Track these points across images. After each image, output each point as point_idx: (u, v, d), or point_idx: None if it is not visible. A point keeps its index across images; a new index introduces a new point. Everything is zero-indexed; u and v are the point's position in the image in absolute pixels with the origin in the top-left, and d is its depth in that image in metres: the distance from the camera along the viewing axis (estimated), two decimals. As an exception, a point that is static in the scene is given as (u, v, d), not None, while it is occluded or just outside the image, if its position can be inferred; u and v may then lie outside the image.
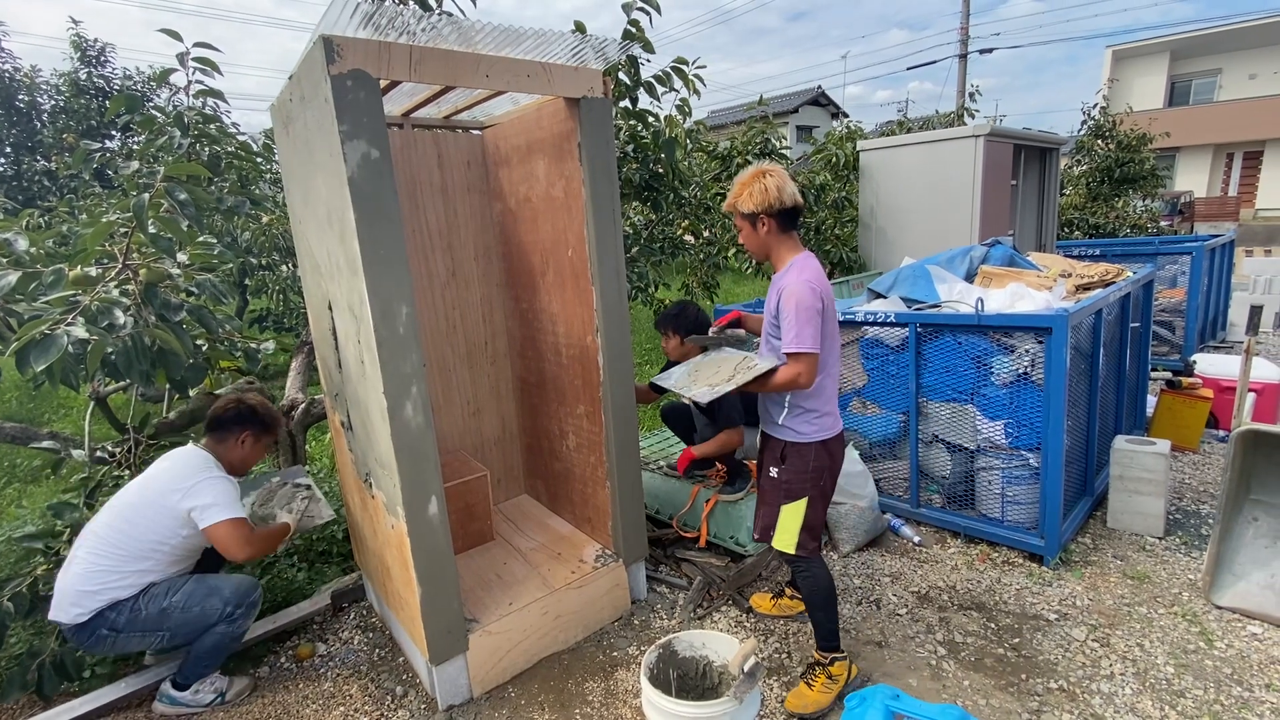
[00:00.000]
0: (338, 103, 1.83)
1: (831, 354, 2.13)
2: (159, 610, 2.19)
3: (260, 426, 2.47)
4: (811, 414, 2.13)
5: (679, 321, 2.99)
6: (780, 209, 2.04)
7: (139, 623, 2.18)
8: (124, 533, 2.18)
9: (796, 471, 2.14)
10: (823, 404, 2.13)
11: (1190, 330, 5.50)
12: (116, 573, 2.17)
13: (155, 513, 2.20)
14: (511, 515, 3.29)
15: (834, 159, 6.22)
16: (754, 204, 2.04)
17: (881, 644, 2.49)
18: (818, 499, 2.16)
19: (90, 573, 2.15)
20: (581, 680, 2.40)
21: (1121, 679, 2.23)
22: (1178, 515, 3.28)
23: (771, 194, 2.01)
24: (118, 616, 2.16)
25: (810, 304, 1.96)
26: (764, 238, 2.10)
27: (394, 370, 2.00)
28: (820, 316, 1.98)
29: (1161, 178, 11.57)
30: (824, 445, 2.14)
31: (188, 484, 2.22)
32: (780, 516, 2.17)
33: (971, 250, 3.66)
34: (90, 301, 1.90)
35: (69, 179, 8.44)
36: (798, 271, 2.04)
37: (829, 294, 2.07)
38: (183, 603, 2.22)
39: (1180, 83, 21.10)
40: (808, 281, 1.99)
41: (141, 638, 2.21)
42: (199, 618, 2.24)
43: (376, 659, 2.60)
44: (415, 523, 2.10)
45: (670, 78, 3.90)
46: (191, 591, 2.25)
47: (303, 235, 2.54)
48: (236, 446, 2.42)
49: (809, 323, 1.95)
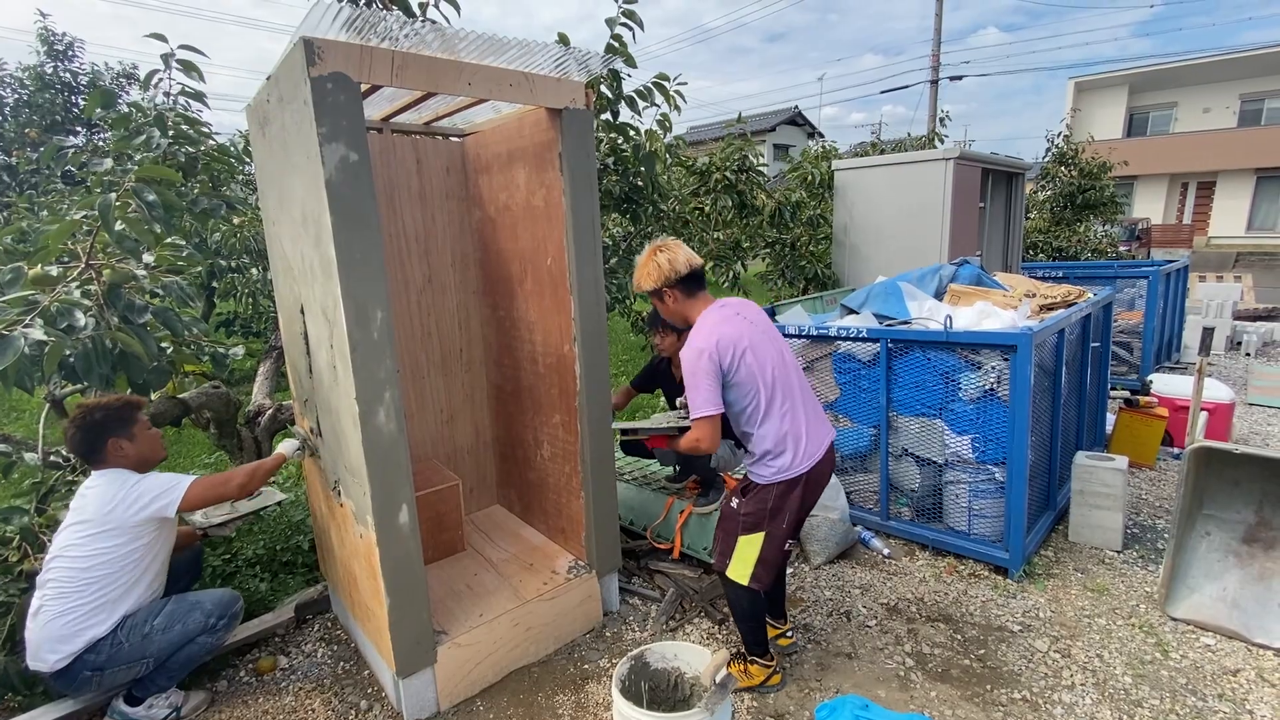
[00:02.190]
0: (317, 105, 1.81)
1: (775, 393, 2.08)
2: (141, 638, 2.12)
3: (117, 423, 2.16)
4: (765, 458, 2.12)
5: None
6: (678, 278, 2.13)
7: (121, 656, 2.10)
8: (86, 569, 2.07)
9: (756, 506, 2.15)
10: (776, 445, 2.08)
11: (1147, 351, 5.71)
12: (89, 608, 2.08)
13: (108, 539, 2.09)
14: (483, 525, 3.25)
15: (809, 177, 6.35)
16: (653, 281, 2.15)
17: (851, 655, 2.51)
18: (777, 535, 2.15)
19: (62, 615, 2.05)
20: (552, 693, 2.37)
21: (1082, 689, 2.28)
22: (1135, 529, 3.39)
23: (665, 268, 2.12)
24: (97, 656, 2.08)
25: (694, 367, 2.02)
26: (674, 306, 2.20)
27: (367, 376, 1.98)
28: (713, 374, 2.01)
29: (1120, 204, 12.05)
30: (788, 485, 2.10)
31: (126, 498, 2.08)
32: (737, 546, 2.18)
33: (941, 269, 3.76)
34: (50, 302, 1.84)
35: (30, 174, 8.16)
36: (692, 335, 2.11)
37: (722, 339, 2.03)
38: (164, 624, 2.15)
39: (1138, 114, 22.03)
40: (695, 347, 2.05)
41: (127, 670, 2.13)
42: (182, 635, 2.16)
43: (341, 672, 2.54)
44: (385, 532, 2.06)
45: (652, 93, 3.95)
46: (172, 611, 2.18)
47: (276, 238, 2.50)
48: (119, 455, 2.16)
49: (697, 387, 2.03)
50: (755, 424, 2.10)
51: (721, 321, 2.09)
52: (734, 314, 2.13)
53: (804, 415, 2.14)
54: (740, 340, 2.05)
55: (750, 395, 2.07)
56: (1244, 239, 19.25)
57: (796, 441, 2.09)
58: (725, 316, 2.11)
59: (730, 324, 2.08)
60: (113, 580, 2.12)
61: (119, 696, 2.24)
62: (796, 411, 2.12)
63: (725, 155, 5.20)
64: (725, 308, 2.16)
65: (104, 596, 2.11)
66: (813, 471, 2.12)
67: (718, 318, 2.11)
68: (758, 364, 2.06)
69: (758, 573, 2.14)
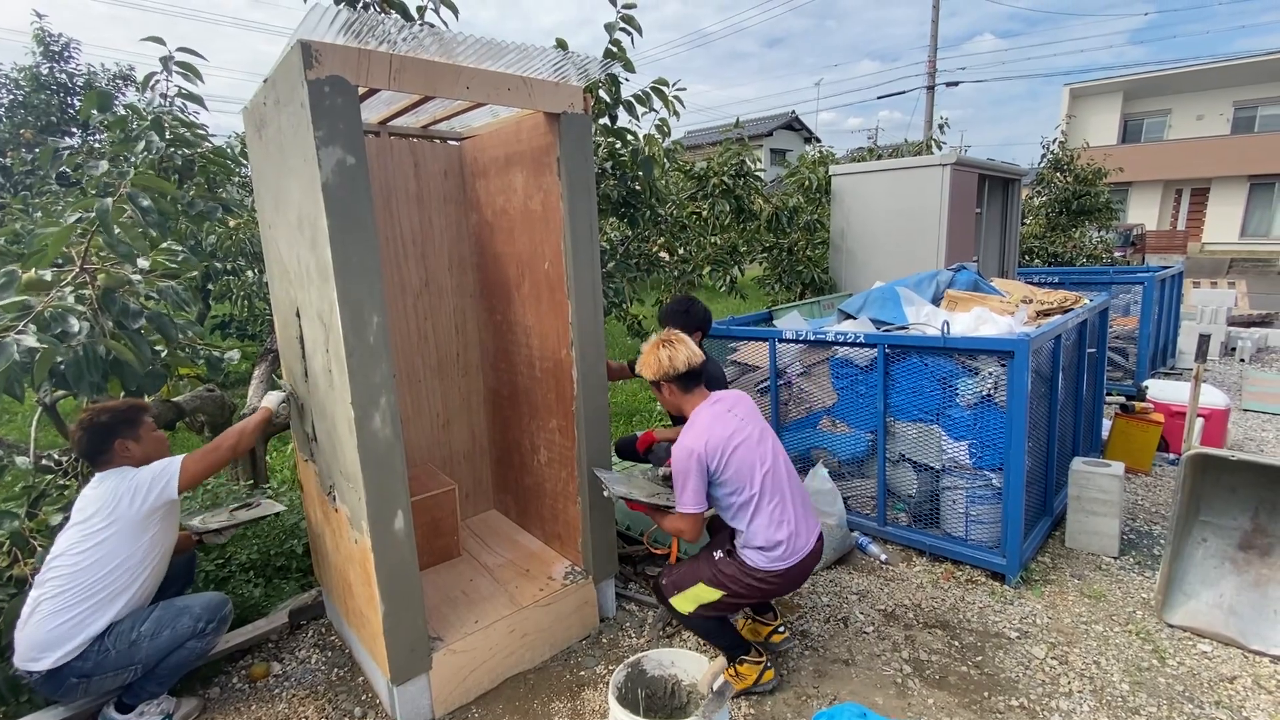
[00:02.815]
0: (314, 108, 1.81)
1: (764, 491, 2.14)
2: (128, 645, 2.09)
3: (124, 425, 2.18)
4: (758, 550, 2.17)
5: (687, 318, 3.01)
6: (675, 375, 2.24)
7: (109, 664, 2.08)
8: (89, 565, 2.06)
9: (733, 573, 2.21)
10: (766, 542, 2.14)
11: (1142, 357, 5.73)
12: (88, 607, 2.06)
13: (114, 536, 2.09)
14: (479, 531, 3.24)
15: (807, 182, 6.36)
16: (652, 373, 2.27)
17: (849, 662, 2.50)
18: (735, 603, 2.23)
19: (58, 614, 2.04)
20: (547, 700, 2.36)
21: (1079, 696, 2.28)
22: (1132, 535, 3.39)
23: (665, 364, 2.23)
24: (84, 664, 2.06)
25: (684, 466, 2.11)
26: (670, 398, 2.32)
27: (363, 380, 1.97)
28: (699, 475, 2.10)
29: (1115, 210, 12.09)
30: (771, 574, 2.16)
31: (128, 490, 2.09)
32: (694, 587, 2.25)
33: (938, 275, 3.76)
34: (44, 307, 1.83)
35: (24, 175, 8.12)
36: (683, 434, 2.19)
37: (711, 443, 2.11)
38: (152, 630, 2.13)
39: (1133, 121, 22.17)
40: (685, 445, 2.13)
41: (114, 677, 2.11)
42: (170, 640, 2.14)
43: (335, 679, 2.52)
44: (380, 538, 2.05)
45: (650, 98, 3.95)
46: (160, 617, 2.16)
47: (272, 240, 2.49)
48: (126, 456, 2.18)
49: (684, 486, 2.12)
50: (745, 521, 2.18)
51: (713, 421, 2.17)
52: (726, 411, 2.22)
53: (794, 512, 2.20)
54: (731, 440, 2.13)
55: (738, 492, 2.15)
56: (1237, 245, 19.37)
57: (787, 539, 2.16)
58: (717, 414, 2.20)
59: (721, 423, 2.16)
60: (113, 578, 2.10)
61: (109, 704, 2.21)
62: (786, 508, 2.18)
63: (723, 160, 5.21)
64: (718, 404, 2.25)
65: (104, 594, 2.09)
66: (797, 566, 2.19)
67: (709, 416, 2.19)
68: (747, 464, 2.14)
69: (699, 613, 2.25)
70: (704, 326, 3.11)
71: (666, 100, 4.03)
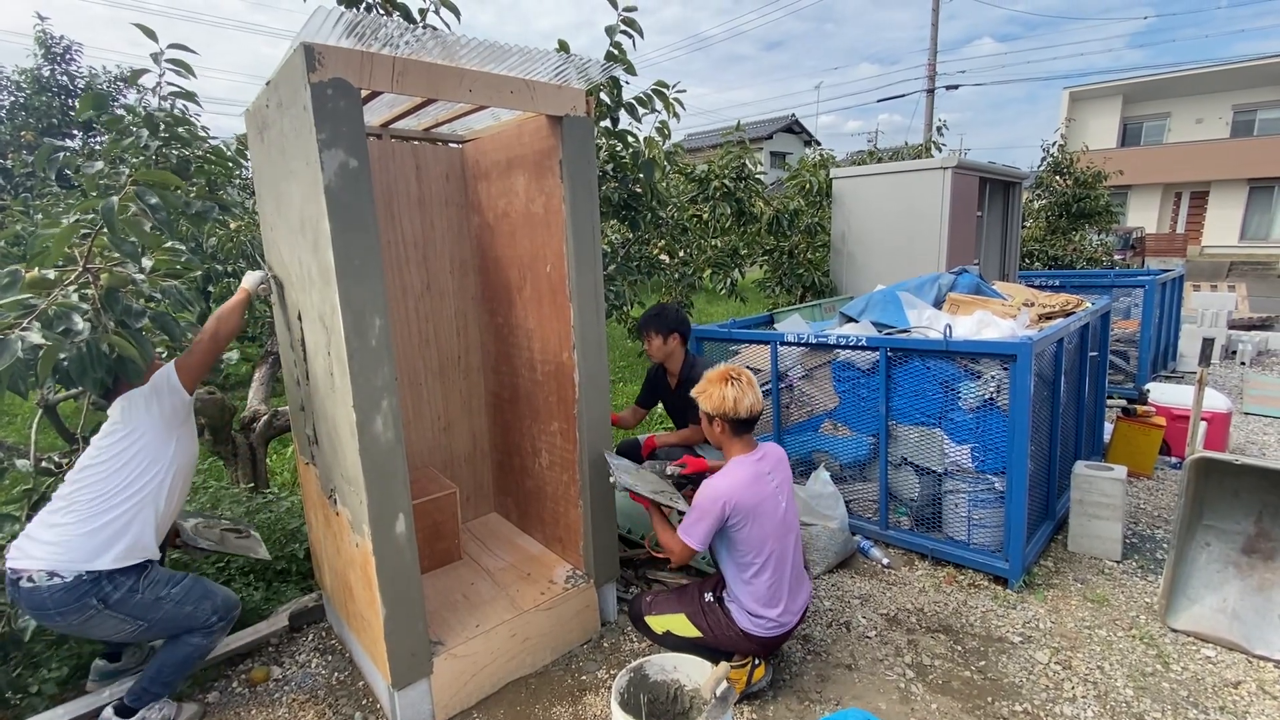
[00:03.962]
0: (317, 111, 1.80)
1: (767, 566, 2.17)
2: (154, 599, 2.09)
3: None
4: (745, 614, 2.21)
5: (660, 321, 3.21)
6: (734, 418, 2.19)
7: (130, 605, 2.05)
8: (119, 470, 2.07)
9: (716, 621, 2.25)
10: (758, 609, 2.18)
11: (1143, 360, 5.72)
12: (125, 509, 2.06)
13: (138, 440, 2.09)
14: (480, 534, 3.23)
15: (808, 185, 6.36)
16: (711, 406, 2.21)
17: (851, 667, 2.49)
18: (710, 645, 2.24)
19: (98, 516, 2.02)
20: (549, 705, 2.34)
21: (1083, 701, 2.27)
22: (1134, 539, 3.38)
23: (728, 403, 2.17)
24: (113, 591, 2.03)
25: (707, 506, 2.12)
26: (717, 434, 2.27)
27: (365, 383, 1.96)
28: (716, 521, 2.11)
29: (1115, 214, 12.11)
30: (759, 640, 2.21)
31: (141, 397, 2.12)
32: (675, 618, 2.31)
33: (940, 278, 3.76)
34: (48, 306, 1.82)
35: (25, 177, 8.12)
36: (719, 476, 2.19)
37: (741, 503, 2.11)
38: (179, 596, 2.14)
39: (1132, 124, 22.21)
40: (717, 488, 2.13)
41: (120, 623, 2.07)
42: (186, 618, 2.15)
43: (335, 683, 2.50)
44: (381, 542, 2.04)
45: (651, 100, 3.96)
46: (190, 588, 2.17)
47: (273, 243, 2.48)
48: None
49: (698, 521, 2.14)
50: (740, 582, 2.21)
51: (753, 481, 2.16)
52: (765, 473, 2.21)
53: (787, 590, 2.22)
54: (758, 509, 2.14)
55: (744, 555, 2.18)
56: (1237, 248, 19.39)
57: (775, 616, 2.20)
58: (758, 475, 2.19)
59: (757, 486, 2.16)
60: (144, 480, 2.09)
61: (109, 707, 2.20)
62: (782, 587, 2.21)
63: (724, 163, 5.21)
64: (761, 462, 2.22)
65: (138, 498, 2.08)
66: (778, 637, 2.24)
67: (751, 475, 2.17)
68: (759, 537, 2.16)
69: (669, 638, 2.32)
70: (680, 328, 3.24)
71: (667, 102, 4.03)
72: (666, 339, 3.23)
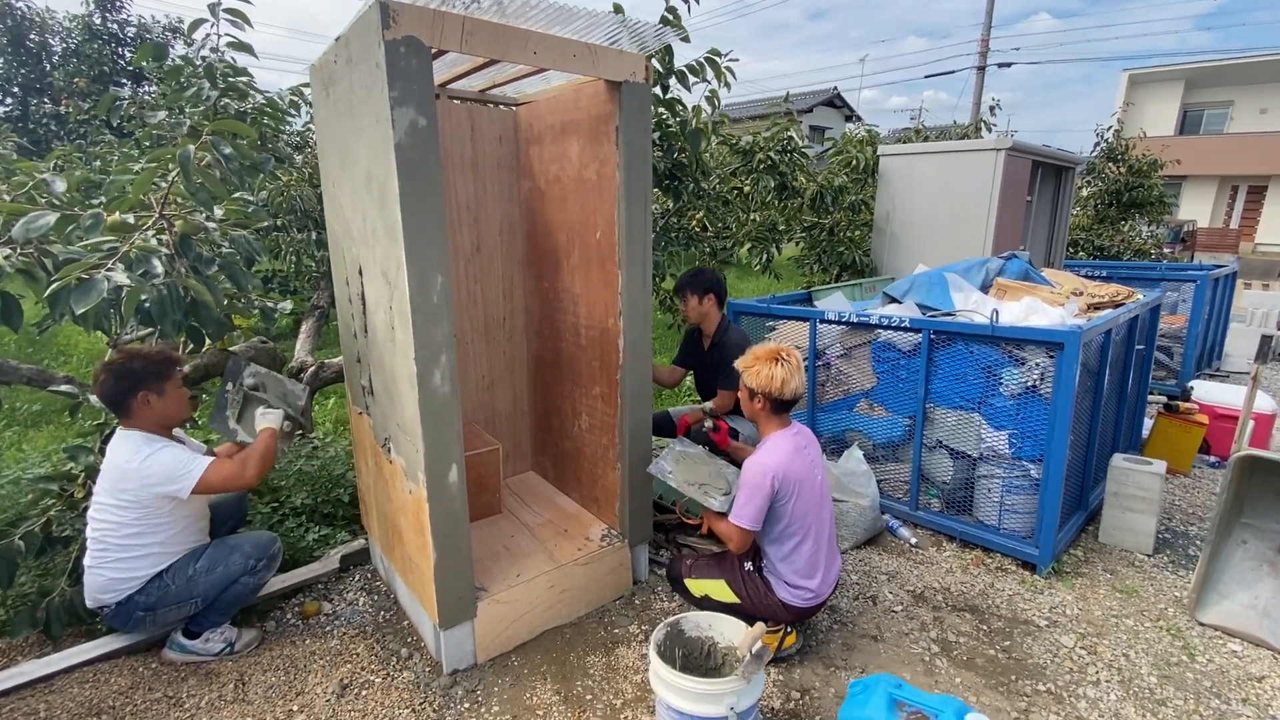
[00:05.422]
0: (390, 68, 1.84)
1: (808, 538, 2.23)
2: (186, 580, 2.25)
3: (153, 376, 2.17)
4: (780, 580, 2.28)
5: (697, 282, 3.31)
6: (778, 398, 2.23)
7: (170, 597, 2.23)
8: (116, 526, 2.17)
9: (756, 590, 2.31)
10: (798, 580, 2.24)
11: (1189, 357, 5.59)
12: (127, 561, 2.19)
13: (130, 503, 2.16)
14: (518, 490, 3.33)
15: (854, 162, 6.24)
16: (757, 383, 2.25)
17: (877, 638, 2.55)
18: (745, 611, 2.26)
19: (102, 567, 2.18)
20: (584, 654, 2.45)
21: (1107, 685, 2.31)
22: (1167, 535, 3.37)
23: (775, 383, 2.21)
24: (147, 598, 2.21)
25: (756, 482, 2.17)
26: (756, 410, 2.31)
27: (426, 338, 2.03)
28: (767, 496, 2.16)
29: (1168, 204, 11.65)
30: (795, 609, 2.26)
31: (140, 472, 2.11)
32: (714, 582, 2.37)
33: (988, 262, 3.71)
34: (129, 248, 1.91)
35: (78, 124, 8.32)
36: (762, 452, 2.25)
37: (788, 474, 2.17)
38: (207, 566, 2.28)
39: (1193, 111, 21.20)
40: (764, 464, 2.18)
41: (177, 609, 2.27)
42: (224, 576, 2.29)
43: (381, 621, 2.65)
44: (435, 489, 2.13)
45: (703, 68, 3.91)
46: (213, 555, 2.31)
47: (335, 199, 2.54)
48: (145, 409, 2.18)
49: (749, 501, 2.18)
50: (780, 554, 2.27)
51: (794, 454, 2.22)
52: (803, 447, 2.27)
53: (824, 561, 2.28)
54: (802, 481, 2.21)
55: (782, 529, 2.23)
56: (1294, 247, 18.58)
57: (814, 587, 2.26)
58: (798, 448, 2.25)
59: (799, 459, 2.22)
60: (145, 539, 2.21)
61: (178, 630, 2.36)
62: (819, 559, 2.27)
63: (771, 135, 5.13)
64: (798, 436, 2.29)
65: (142, 550, 2.21)
66: (813, 607, 2.30)
67: (791, 447, 2.23)
68: (801, 509, 2.21)
69: (707, 601, 2.37)
70: (716, 289, 3.34)
71: (719, 71, 3.98)
72: (702, 299, 3.32)
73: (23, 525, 2.43)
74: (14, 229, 1.84)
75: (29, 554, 2.39)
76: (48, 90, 10.15)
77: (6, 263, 1.80)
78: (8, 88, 9.92)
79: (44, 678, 2.21)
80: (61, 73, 10.03)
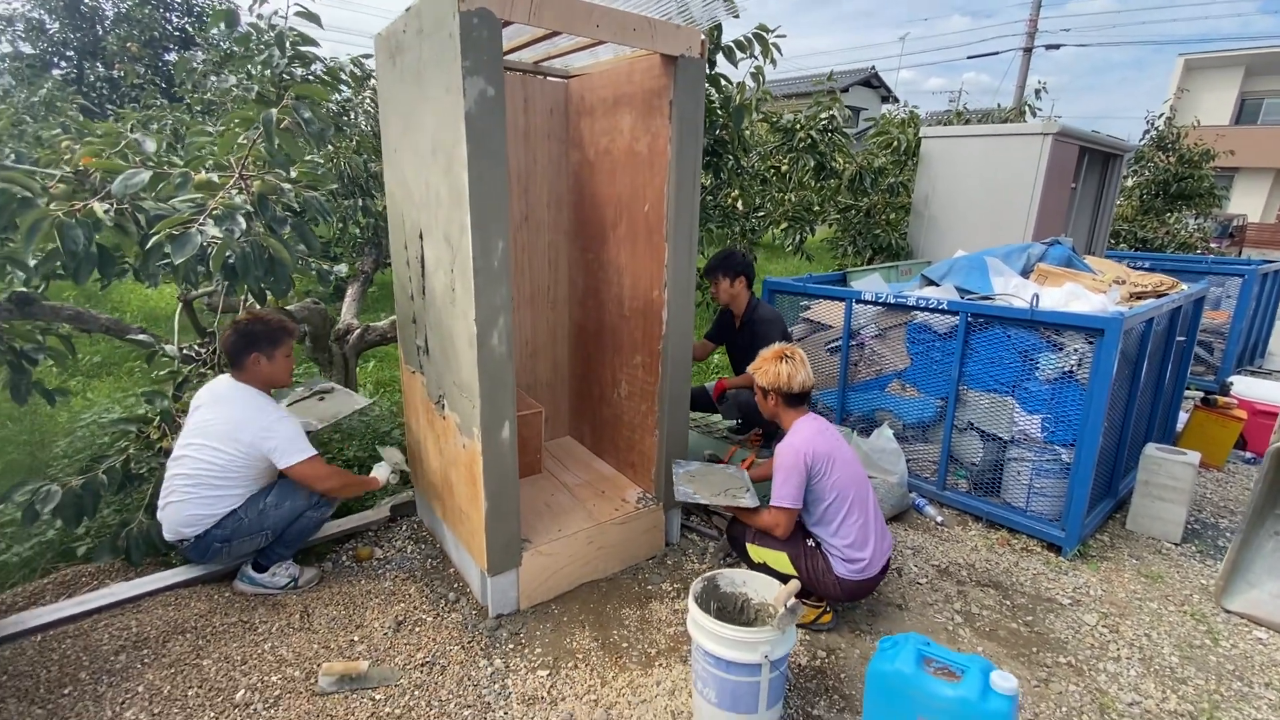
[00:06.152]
0: (464, 39, 1.92)
1: (854, 508, 2.30)
2: (257, 514, 2.45)
3: (266, 340, 2.45)
4: (837, 555, 2.34)
5: (728, 264, 3.44)
6: (788, 392, 2.38)
7: (244, 529, 2.44)
8: (215, 466, 2.38)
9: (816, 566, 2.37)
10: (851, 552, 2.31)
11: (1230, 353, 5.50)
12: (216, 495, 2.40)
13: (238, 448, 2.39)
14: (557, 453, 3.47)
15: (895, 143, 6.18)
16: (767, 381, 2.40)
17: (902, 607, 2.65)
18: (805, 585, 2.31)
19: (192, 500, 2.38)
20: (619, 606, 2.59)
21: (1127, 662, 2.37)
22: (1196, 526, 3.38)
23: (782, 379, 2.37)
24: (223, 531, 2.42)
25: (790, 464, 2.28)
26: (772, 407, 2.46)
27: (486, 301, 2.14)
28: (802, 474, 2.27)
29: (1219, 197, 11.27)
30: (851, 585, 2.32)
31: (262, 425, 2.39)
32: (775, 554, 2.44)
33: (1030, 248, 3.70)
34: (215, 206, 2.04)
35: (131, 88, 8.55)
36: (790, 435, 2.36)
37: (817, 450, 2.27)
38: (275, 501, 2.48)
39: (1251, 100, 20.30)
40: (793, 445, 2.30)
41: (250, 540, 2.47)
42: (291, 510, 2.49)
43: (429, 567, 2.81)
44: (489, 444, 2.26)
45: (751, 44, 3.91)
46: (280, 490, 2.51)
47: (397, 165, 2.65)
48: (255, 367, 2.45)
49: (786, 481, 2.29)
50: (830, 531, 2.34)
51: (817, 433, 2.34)
52: (825, 428, 2.39)
53: (875, 532, 2.35)
54: (833, 454, 2.31)
55: (829, 503, 2.31)
56: (1350, 246, 17.81)
57: (868, 558, 2.32)
58: (820, 429, 2.37)
59: (824, 437, 2.34)
60: (235, 477, 2.43)
61: (247, 564, 2.55)
62: (870, 529, 2.34)
63: (812, 114, 5.11)
64: (817, 420, 2.42)
65: (228, 486, 2.42)
66: (867, 582, 2.35)
67: (813, 429, 2.36)
68: (842, 479, 2.30)
69: (764, 569, 2.43)
70: (746, 272, 3.46)
71: (766, 47, 3.98)
72: (734, 281, 3.41)
73: (104, 462, 2.62)
74: (113, 184, 1.98)
75: (110, 488, 2.59)
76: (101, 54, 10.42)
77: (106, 216, 1.94)
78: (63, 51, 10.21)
79: (132, 598, 2.42)
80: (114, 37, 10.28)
